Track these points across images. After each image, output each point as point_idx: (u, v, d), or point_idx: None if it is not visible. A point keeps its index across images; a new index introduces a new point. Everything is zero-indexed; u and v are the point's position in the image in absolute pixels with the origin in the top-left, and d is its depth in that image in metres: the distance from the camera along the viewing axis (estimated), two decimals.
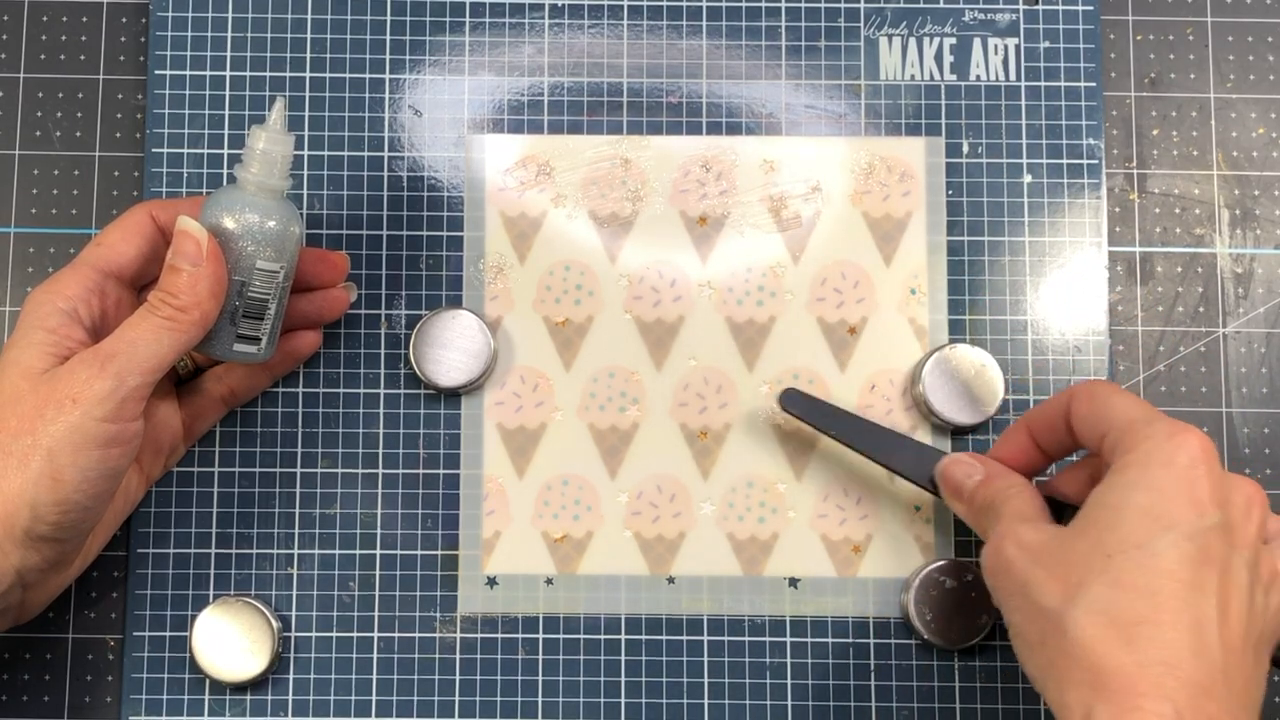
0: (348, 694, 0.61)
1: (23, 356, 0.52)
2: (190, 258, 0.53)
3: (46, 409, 0.51)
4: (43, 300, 0.54)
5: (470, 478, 0.62)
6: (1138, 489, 0.47)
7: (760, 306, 0.63)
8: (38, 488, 0.50)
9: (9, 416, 0.51)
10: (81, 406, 0.50)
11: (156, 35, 0.64)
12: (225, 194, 0.55)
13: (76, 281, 0.54)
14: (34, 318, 0.53)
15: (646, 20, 0.65)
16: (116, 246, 0.56)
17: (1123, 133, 0.65)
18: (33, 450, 0.50)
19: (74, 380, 0.51)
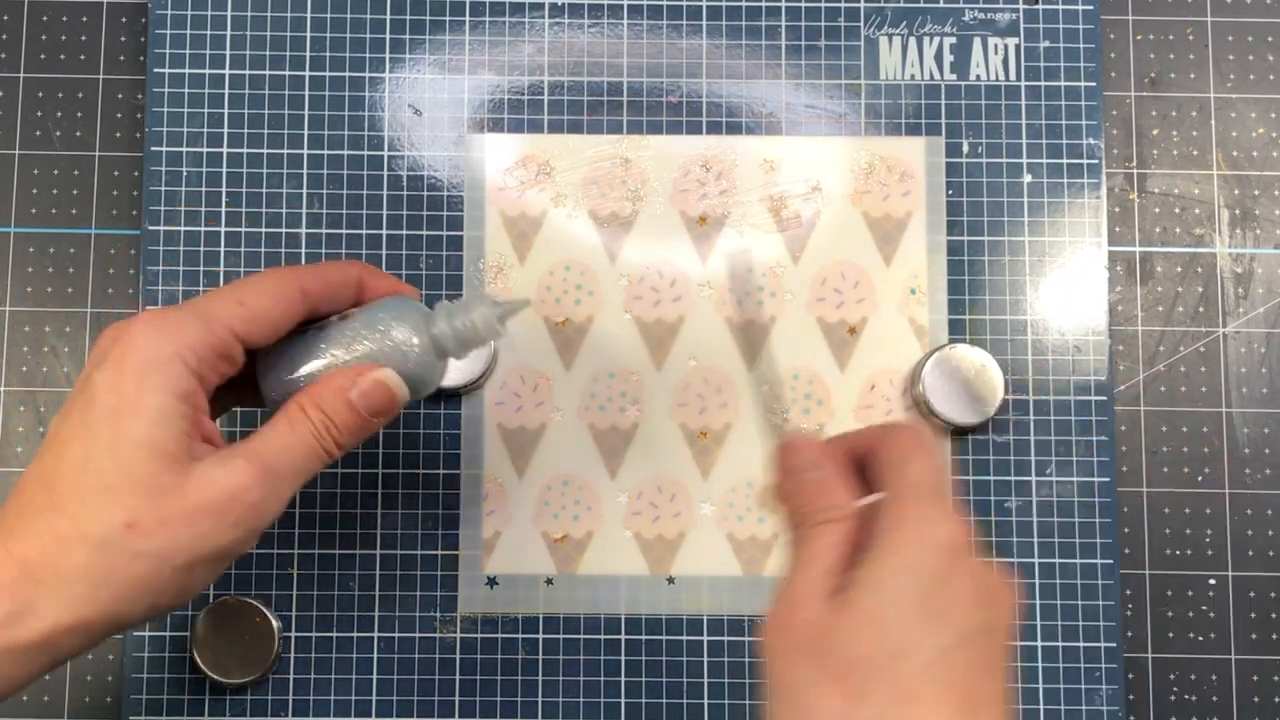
0: (348, 694, 0.61)
1: (159, 436, 0.44)
2: (377, 412, 0.48)
3: (199, 521, 0.44)
4: (169, 354, 0.45)
5: (470, 478, 0.62)
6: (911, 576, 0.42)
7: (760, 306, 0.63)
8: (162, 595, 0.45)
9: (144, 514, 0.44)
10: (242, 530, 0.45)
11: (156, 35, 0.64)
12: (415, 323, 0.50)
13: (210, 338, 0.46)
14: (161, 376, 0.45)
15: (646, 20, 0.65)
16: (260, 316, 0.47)
17: (1123, 133, 0.65)
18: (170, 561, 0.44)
19: (243, 499, 0.45)
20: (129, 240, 0.64)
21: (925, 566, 0.42)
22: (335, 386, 0.48)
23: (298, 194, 0.63)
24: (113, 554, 0.43)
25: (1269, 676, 0.62)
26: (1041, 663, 0.61)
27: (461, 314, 0.50)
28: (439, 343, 0.50)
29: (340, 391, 0.48)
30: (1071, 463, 0.62)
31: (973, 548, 0.43)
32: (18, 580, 0.43)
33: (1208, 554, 0.63)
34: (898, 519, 0.43)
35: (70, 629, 0.44)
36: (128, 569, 0.44)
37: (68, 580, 0.43)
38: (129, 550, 0.43)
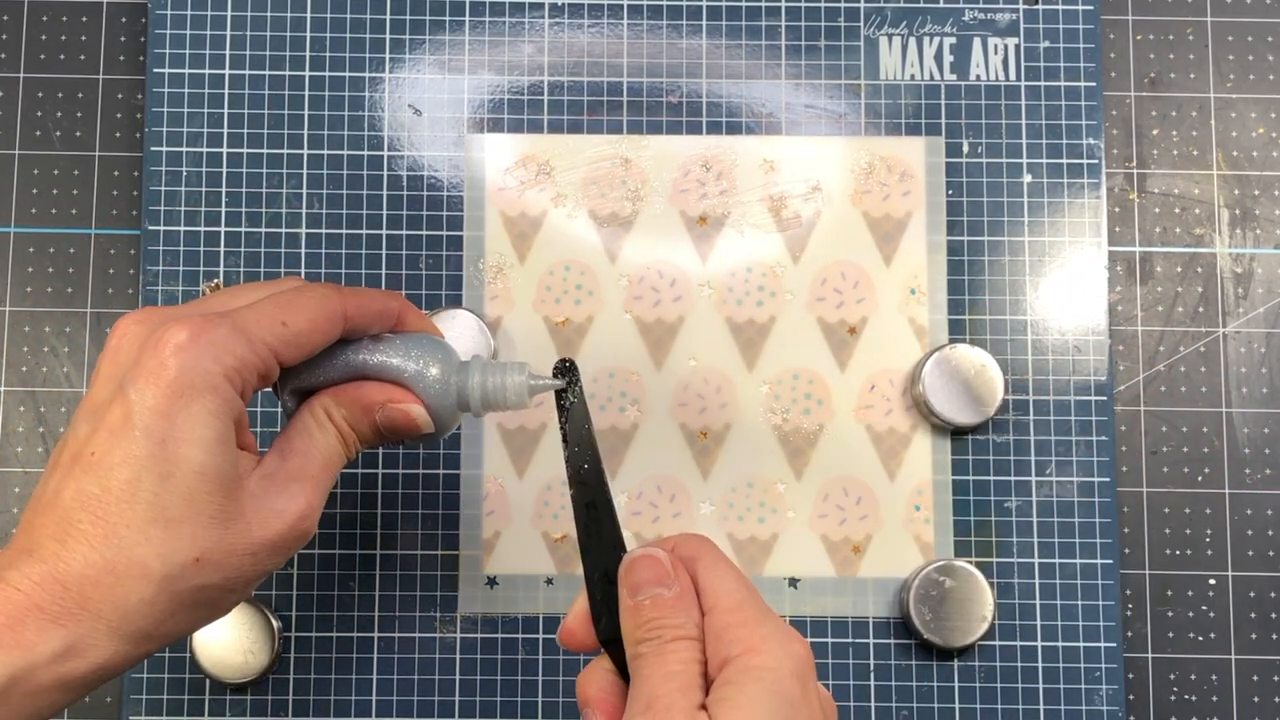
0: (348, 694, 0.61)
1: (214, 464, 0.43)
2: (394, 431, 0.48)
3: (261, 551, 0.44)
4: (216, 374, 0.43)
5: (470, 478, 0.62)
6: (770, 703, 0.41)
7: (760, 306, 0.63)
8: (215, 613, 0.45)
9: (211, 547, 0.43)
10: (286, 551, 0.45)
11: (156, 35, 0.64)
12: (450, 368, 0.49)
13: (254, 359, 0.44)
14: (212, 400, 0.43)
15: (646, 20, 0.65)
16: (303, 340, 0.46)
17: (1123, 133, 0.65)
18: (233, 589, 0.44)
19: (300, 529, 0.45)
20: (129, 240, 0.64)
21: (786, 688, 0.41)
22: (366, 402, 0.48)
23: (298, 194, 0.63)
24: (177, 588, 0.42)
25: (1269, 676, 0.62)
26: (1041, 663, 0.61)
27: (496, 374, 0.50)
28: (464, 394, 0.50)
29: (369, 408, 0.48)
30: (1071, 463, 0.62)
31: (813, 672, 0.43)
32: (74, 614, 0.42)
33: (1208, 554, 0.63)
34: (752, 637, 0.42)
35: (125, 659, 0.43)
36: (190, 599, 0.43)
37: (130, 615, 0.42)
38: (194, 584, 0.43)
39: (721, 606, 0.43)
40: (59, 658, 0.41)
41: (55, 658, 0.41)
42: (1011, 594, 0.61)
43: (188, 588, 0.43)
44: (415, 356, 0.49)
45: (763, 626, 0.43)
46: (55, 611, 0.41)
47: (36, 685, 0.41)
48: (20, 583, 0.41)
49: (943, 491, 0.62)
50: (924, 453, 0.62)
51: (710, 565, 0.45)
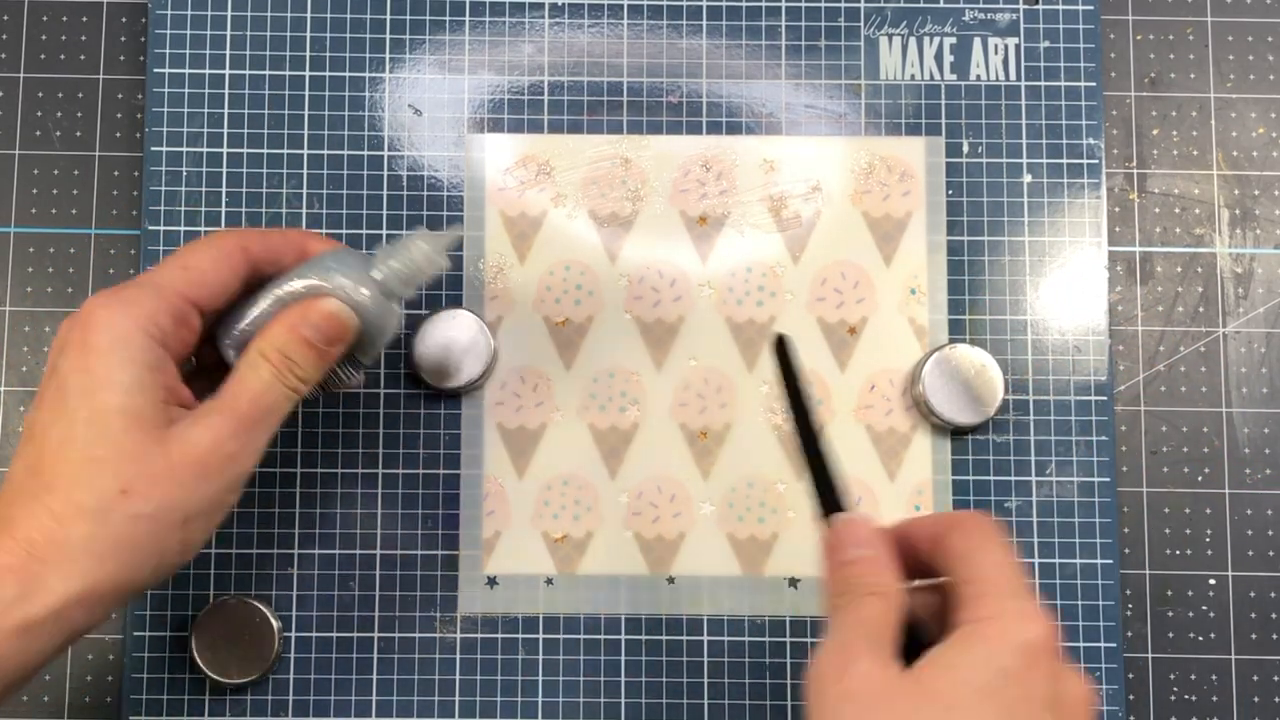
0: (348, 694, 0.61)
1: (135, 404, 0.46)
2: (329, 338, 0.50)
3: (185, 477, 0.46)
4: (130, 328, 0.47)
5: (470, 478, 0.62)
6: (983, 665, 0.43)
7: (760, 306, 0.63)
8: (165, 554, 0.47)
9: (135, 479, 0.46)
10: (226, 479, 0.48)
11: (156, 35, 0.64)
12: (356, 270, 0.51)
13: (165, 308, 0.48)
14: (128, 350, 0.47)
15: (646, 20, 0.65)
16: (208, 275, 0.50)
17: (1123, 133, 0.65)
18: (166, 518, 0.46)
19: (221, 452, 0.47)
20: (129, 240, 0.64)
21: (1005, 663, 0.43)
22: (288, 325, 0.50)
23: (298, 194, 0.63)
24: (112, 521, 0.45)
25: (1269, 676, 0.62)
26: None
27: (400, 253, 0.52)
28: (384, 285, 0.52)
29: (293, 329, 0.50)
30: (1071, 463, 0.62)
31: (1056, 650, 0.44)
32: (24, 562, 0.45)
33: (1208, 554, 0.63)
34: (986, 611, 0.44)
35: (80, 599, 0.45)
36: (129, 533, 0.46)
37: (72, 554, 0.45)
38: (127, 515, 0.46)
39: (977, 578, 0.45)
40: (16, 601, 0.44)
41: (12, 602, 0.44)
42: None
43: (121, 519, 0.45)
44: (325, 268, 0.51)
45: (1010, 601, 0.44)
46: (6, 563, 0.45)
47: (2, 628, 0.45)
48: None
49: (943, 491, 0.62)
50: (924, 453, 0.62)
51: (980, 542, 0.46)
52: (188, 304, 0.49)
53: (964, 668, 0.43)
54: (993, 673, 0.43)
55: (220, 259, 0.50)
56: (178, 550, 0.47)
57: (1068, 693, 0.44)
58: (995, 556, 0.46)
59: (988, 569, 0.45)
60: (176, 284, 0.49)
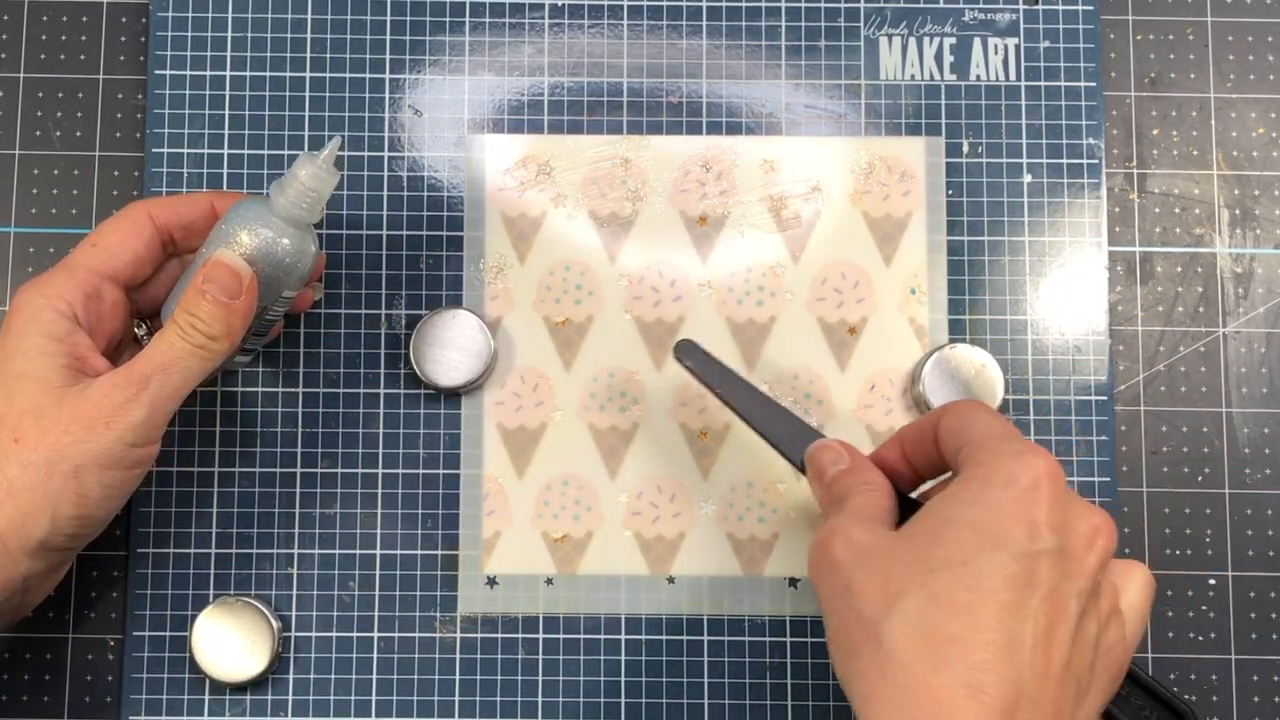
0: (348, 694, 0.61)
1: (37, 369, 0.51)
2: (228, 291, 0.52)
3: (74, 427, 0.50)
4: (41, 305, 0.52)
5: (470, 478, 0.62)
6: (974, 505, 0.45)
7: (760, 306, 0.63)
8: (59, 503, 0.50)
9: (28, 430, 0.50)
10: (114, 431, 0.51)
11: (156, 35, 0.64)
12: (256, 214, 0.53)
13: (74, 285, 0.53)
14: (37, 324, 0.52)
15: (646, 20, 0.65)
16: (114, 249, 0.54)
17: (1123, 133, 0.65)
18: (56, 466, 0.50)
19: (107, 403, 0.51)
20: None
21: (995, 496, 0.45)
22: (193, 287, 0.52)
23: None
24: (6, 468, 0.50)
25: (1269, 676, 0.62)
26: None
27: (290, 182, 0.53)
28: (287, 216, 0.53)
29: (195, 288, 0.52)
30: (1071, 463, 0.62)
31: (1058, 482, 0.45)
32: None
33: (1208, 554, 0.63)
34: (977, 461, 0.47)
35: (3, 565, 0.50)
36: (21, 479, 0.50)
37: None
38: (19, 462, 0.50)
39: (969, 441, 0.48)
40: None
41: None
42: None
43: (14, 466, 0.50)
44: (227, 230, 0.53)
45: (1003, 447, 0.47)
46: None
47: None
48: None
49: None
50: None
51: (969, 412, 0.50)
52: (98, 278, 0.54)
53: (951, 508, 0.45)
54: (982, 508, 0.45)
55: (126, 230, 0.54)
56: (73, 501, 0.50)
57: (1082, 518, 0.45)
58: (984, 420, 0.49)
59: (978, 431, 0.48)
60: (86, 261, 0.54)
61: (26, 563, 0.51)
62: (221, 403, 0.62)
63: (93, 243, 0.54)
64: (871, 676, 0.44)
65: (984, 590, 0.43)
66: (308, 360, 0.62)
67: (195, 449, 0.62)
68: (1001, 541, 0.44)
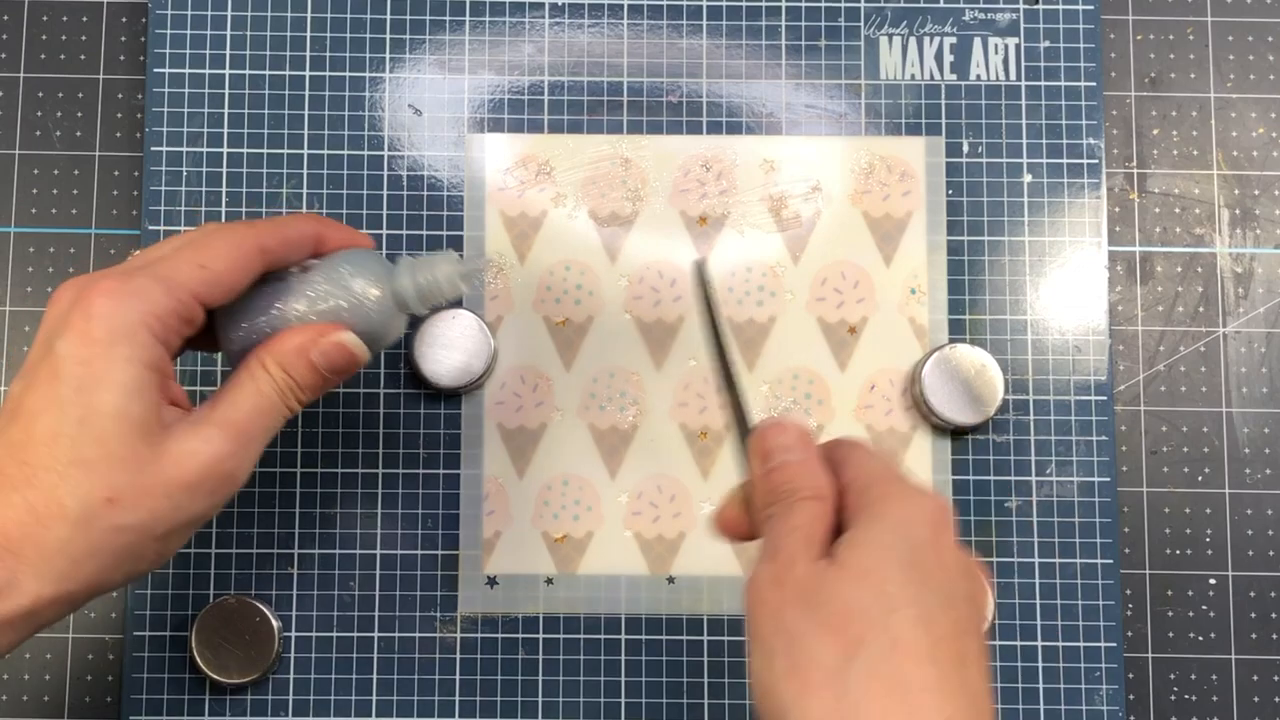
0: (348, 694, 0.61)
1: (133, 409, 0.44)
2: (336, 370, 0.49)
3: (177, 492, 0.45)
4: (135, 321, 0.45)
5: (470, 478, 0.62)
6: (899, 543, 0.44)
7: (760, 306, 0.63)
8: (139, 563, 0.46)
9: (124, 489, 0.44)
10: (215, 498, 0.46)
11: (156, 35, 0.64)
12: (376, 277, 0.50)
13: (174, 304, 0.46)
14: (130, 347, 0.44)
15: (646, 20, 0.65)
16: (223, 280, 0.47)
17: (1123, 133, 0.65)
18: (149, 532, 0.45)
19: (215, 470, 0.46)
20: (129, 240, 0.64)
21: (915, 533, 0.44)
22: (297, 345, 0.48)
23: (298, 194, 0.63)
24: (94, 529, 0.44)
25: (1269, 676, 0.62)
26: (1041, 663, 0.61)
27: (425, 269, 0.51)
28: (400, 297, 0.51)
29: (301, 351, 0.48)
30: (1071, 463, 0.62)
31: (953, 523, 0.45)
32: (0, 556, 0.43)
33: (1208, 554, 0.63)
34: (885, 493, 0.45)
35: (53, 601, 0.44)
36: (109, 542, 0.44)
37: (49, 555, 0.43)
38: (110, 525, 0.44)
39: (864, 478, 0.46)
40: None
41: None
42: (1011, 594, 0.61)
43: (104, 528, 0.44)
44: (342, 276, 0.50)
45: (894, 486, 0.45)
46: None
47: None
48: None
49: (943, 491, 0.62)
50: (924, 453, 0.62)
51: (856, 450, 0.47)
52: (196, 302, 0.47)
53: (880, 544, 0.44)
54: (908, 545, 0.44)
55: (237, 260, 0.47)
56: (152, 559, 0.46)
57: (971, 565, 0.45)
58: (873, 457, 0.47)
59: (871, 466, 0.46)
60: (189, 282, 0.46)
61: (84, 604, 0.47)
62: None
63: (199, 263, 0.47)
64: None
65: (939, 637, 0.42)
66: None
67: None
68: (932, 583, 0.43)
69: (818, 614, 0.43)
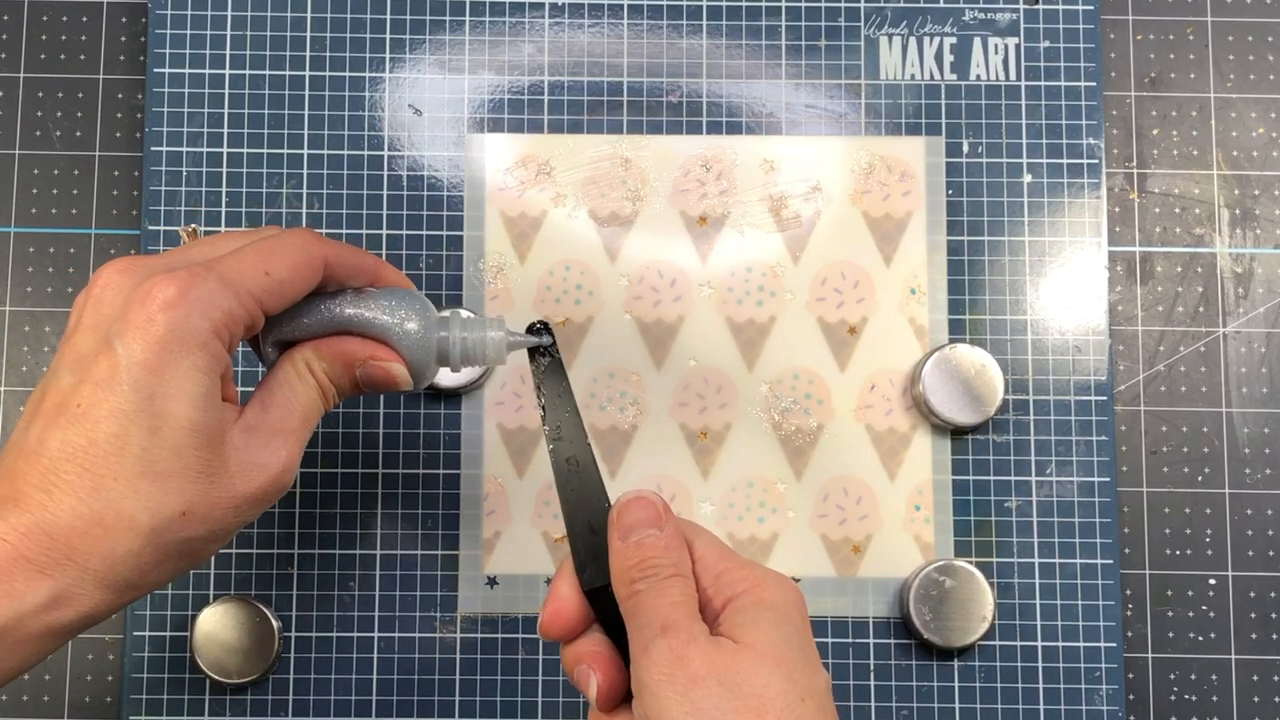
0: (348, 694, 0.61)
1: (202, 419, 0.43)
2: (374, 387, 0.49)
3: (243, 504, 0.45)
4: (205, 329, 0.43)
5: (470, 478, 0.62)
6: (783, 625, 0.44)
7: (760, 306, 0.63)
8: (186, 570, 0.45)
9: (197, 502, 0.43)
10: (266, 503, 0.46)
11: (156, 35, 0.64)
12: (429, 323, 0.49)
13: (241, 310, 0.44)
14: (200, 356, 0.43)
15: (646, 20, 0.65)
16: (285, 289, 0.46)
17: (1123, 133, 0.65)
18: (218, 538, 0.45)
19: (280, 482, 0.46)
20: (129, 240, 0.64)
21: (794, 620, 0.45)
22: (346, 358, 0.48)
23: (298, 194, 0.63)
24: (165, 541, 0.43)
25: (1269, 676, 0.62)
26: (1041, 663, 0.61)
27: (476, 329, 0.50)
28: (442, 349, 0.50)
29: (349, 365, 0.48)
30: (1071, 463, 0.62)
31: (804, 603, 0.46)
32: (61, 564, 0.42)
33: (1208, 554, 0.63)
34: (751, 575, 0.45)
35: (110, 608, 0.44)
36: (175, 550, 0.44)
37: (115, 565, 0.43)
38: (180, 536, 0.43)
39: (711, 558, 0.46)
40: (46, 607, 0.42)
41: (43, 607, 0.42)
42: (1011, 594, 0.61)
43: (174, 540, 0.43)
44: (395, 311, 0.49)
45: (756, 570, 0.46)
46: (42, 562, 0.42)
47: (25, 634, 0.42)
48: (7, 533, 0.42)
49: (943, 491, 0.62)
50: (924, 453, 0.62)
51: (691, 527, 0.47)
52: (260, 311, 0.45)
53: (775, 627, 0.44)
54: (793, 629, 0.44)
55: (303, 271, 0.46)
56: (203, 559, 0.46)
57: None
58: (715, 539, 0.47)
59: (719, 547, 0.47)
60: (256, 289, 0.45)
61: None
62: None
63: (266, 270, 0.45)
64: None
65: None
66: None
67: None
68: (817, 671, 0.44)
69: (734, 696, 0.42)
